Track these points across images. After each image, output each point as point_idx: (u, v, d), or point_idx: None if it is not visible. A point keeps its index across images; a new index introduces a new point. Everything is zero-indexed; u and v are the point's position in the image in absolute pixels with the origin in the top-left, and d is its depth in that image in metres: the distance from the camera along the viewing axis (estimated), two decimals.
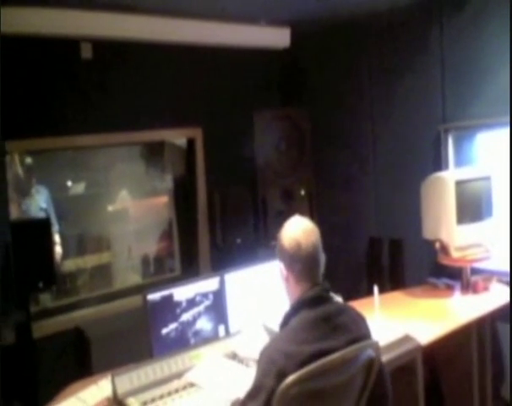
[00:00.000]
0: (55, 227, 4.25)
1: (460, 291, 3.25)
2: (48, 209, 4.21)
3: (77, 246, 4.48)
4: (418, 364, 2.60)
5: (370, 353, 1.83)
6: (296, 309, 1.82)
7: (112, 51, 3.75)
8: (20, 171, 4.13)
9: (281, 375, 1.63)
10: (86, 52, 3.67)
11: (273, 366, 1.66)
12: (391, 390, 1.98)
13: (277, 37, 4.44)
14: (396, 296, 3.33)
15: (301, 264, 1.82)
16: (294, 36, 4.41)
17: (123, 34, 3.65)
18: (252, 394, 1.70)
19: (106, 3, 3.33)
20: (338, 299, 2.72)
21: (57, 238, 4.15)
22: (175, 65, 4.10)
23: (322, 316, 1.77)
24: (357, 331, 1.84)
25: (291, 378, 1.61)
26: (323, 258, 1.87)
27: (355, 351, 1.77)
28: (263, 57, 4.52)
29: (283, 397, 1.62)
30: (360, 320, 1.90)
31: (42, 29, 3.30)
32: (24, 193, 4.14)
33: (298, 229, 1.86)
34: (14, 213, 3.95)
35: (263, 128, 4.26)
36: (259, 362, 1.73)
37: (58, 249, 4.13)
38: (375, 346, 1.85)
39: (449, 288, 3.29)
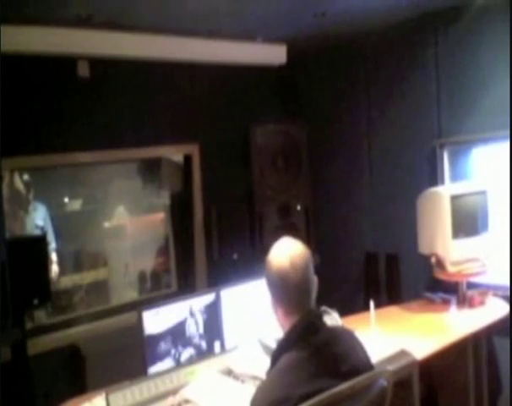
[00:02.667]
0: (52, 245, 4.25)
1: (456, 305, 3.24)
2: (46, 226, 4.21)
3: (73, 263, 4.47)
4: (414, 379, 2.59)
5: (382, 382, 1.72)
6: (284, 347, 1.69)
7: (109, 68, 3.78)
8: (18, 188, 4.14)
9: None
10: (83, 69, 3.69)
11: None
12: None
13: (274, 54, 4.47)
14: (392, 311, 3.33)
15: (289, 295, 1.70)
16: (291, 53, 4.45)
17: (120, 52, 3.68)
18: None
19: (103, 22, 3.36)
20: (334, 314, 2.73)
21: (54, 256, 4.16)
22: (172, 82, 4.13)
23: (312, 352, 1.64)
24: (356, 360, 1.71)
25: None
26: (314, 284, 1.74)
27: (368, 380, 1.67)
28: (260, 74, 4.55)
29: None
30: (357, 346, 1.78)
31: (39, 47, 3.33)
32: (22, 210, 4.14)
33: (286, 257, 1.70)
34: (11, 230, 3.96)
35: (259, 143, 4.28)
36: None
37: (55, 268, 4.13)
38: (388, 374, 1.74)
39: (446, 303, 3.29)
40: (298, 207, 4.32)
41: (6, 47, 3.06)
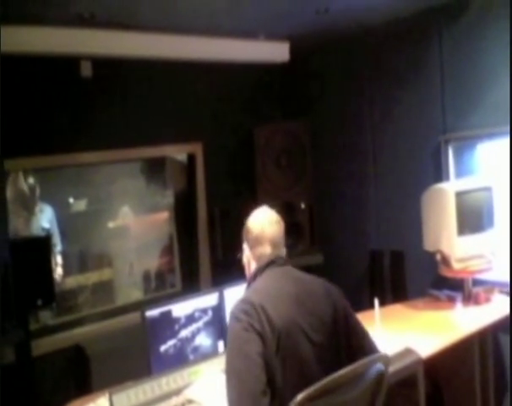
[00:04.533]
0: (58, 247, 4.26)
1: (462, 302, 3.22)
2: (52, 228, 4.21)
3: (78, 263, 4.48)
4: (420, 378, 2.58)
5: (380, 367, 1.80)
6: (254, 276, 1.98)
7: (112, 68, 3.78)
8: (23, 189, 4.14)
9: (254, 310, 1.74)
10: (86, 70, 3.70)
11: (244, 310, 1.76)
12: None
13: (276, 52, 4.45)
14: (397, 309, 3.32)
15: (261, 240, 2.01)
16: (293, 50, 4.43)
17: (123, 51, 3.67)
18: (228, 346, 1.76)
19: (105, 21, 3.36)
20: None
21: (59, 257, 4.16)
22: (175, 81, 4.13)
23: (279, 271, 1.95)
24: (314, 286, 1.95)
25: (300, 396, 1.56)
26: (281, 232, 2.06)
27: (364, 365, 1.75)
28: (262, 72, 4.55)
29: None
30: (323, 292, 1.95)
31: (42, 47, 3.33)
32: (28, 211, 4.15)
33: (265, 215, 2.07)
34: (17, 231, 3.96)
35: (263, 142, 4.28)
36: (230, 321, 1.81)
37: (61, 268, 4.14)
38: (385, 360, 1.83)
39: (451, 300, 3.27)
40: (302, 206, 4.31)
41: (9, 48, 3.07)
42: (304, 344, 1.77)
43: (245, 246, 2.08)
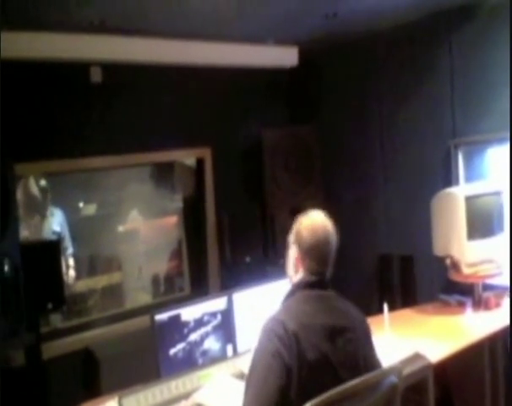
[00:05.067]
0: (69, 250, 4.28)
1: (472, 308, 3.20)
2: (63, 231, 4.24)
3: (88, 267, 4.50)
4: (429, 383, 2.56)
5: (393, 379, 1.78)
6: (293, 290, 1.91)
7: (122, 74, 3.80)
8: (34, 193, 4.18)
9: (287, 335, 1.68)
10: (96, 75, 3.73)
11: (274, 330, 1.71)
12: None
13: (285, 56, 4.47)
14: (407, 314, 3.30)
15: (312, 254, 1.91)
16: (302, 55, 4.44)
17: (132, 57, 3.71)
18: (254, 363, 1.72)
19: (115, 27, 3.39)
20: None
21: (71, 261, 4.18)
22: (184, 86, 4.15)
23: (316, 295, 1.86)
24: (349, 320, 1.88)
25: (310, 403, 1.55)
26: (333, 257, 1.97)
27: (377, 377, 1.74)
28: (271, 76, 4.55)
29: None
30: (353, 311, 1.94)
31: (52, 53, 3.37)
32: (39, 215, 4.18)
33: (319, 223, 1.97)
34: (28, 235, 3.99)
35: (271, 146, 4.28)
36: (261, 336, 1.77)
37: (72, 272, 4.16)
38: (398, 372, 1.81)
39: (461, 305, 3.25)
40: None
41: (19, 54, 3.11)
42: (330, 382, 1.69)
43: (293, 249, 1.98)
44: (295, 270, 1.96)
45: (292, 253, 1.98)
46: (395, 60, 4.06)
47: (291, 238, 2.00)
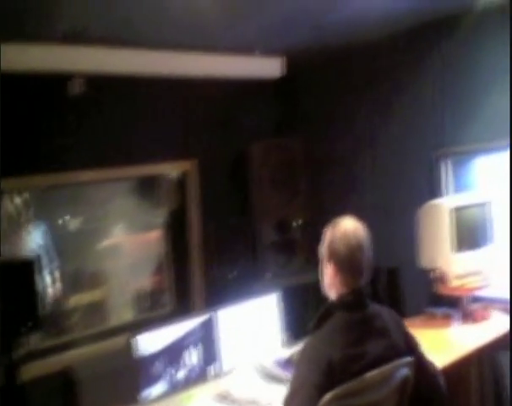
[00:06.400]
0: (50, 267, 4.19)
1: (459, 320, 3.17)
2: (45, 246, 4.15)
3: (69, 284, 4.40)
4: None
5: (406, 371, 1.82)
6: (331, 311, 1.83)
7: (105, 85, 3.74)
8: (15, 208, 4.09)
9: (330, 367, 1.65)
10: (77, 87, 3.67)
11: (318, 362, 1.67)
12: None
13: (272, 67, 4.44)
14: None
15: (346, 266, 1.85)
16: (288, 66, 4.42)
17: (114, 68, 3.66)
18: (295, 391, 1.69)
19: (96, 38, 3.34)
20: None
21: (56, 274, 4.09)
22: (168, 98, 4.10)
23: (358, 320, 1.80)
24: (390, 338, 1.85)
25: (328, 395, 1.61)
26: (369, 266, 1.91)
27: (391, 369, 1.77)
28: (258, 88, 4.52)
29: None
30: (395, 326, 1.91)
31: (33, 65, 3.31)
32: (20, 230, 4.09)
33: (357, 236, 1.91)
34: (8, 251, 3.89)
35: (257, 158, 4.25)
36: (298, 364, 1.75)
37: (53, 289, 4.07)
38: (411, 364, 1.85)
39: (448, 318, 3.21)
40: (297, 223, 4.27)
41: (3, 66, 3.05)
42: None
43: (325, 263, 1.91)
44: (330, 286, 1.90)
45: (325, 268, 1.91)
46: (382, 70, 4.04)
47: (323, 250, 1.93)
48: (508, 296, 3.16)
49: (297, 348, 2.35)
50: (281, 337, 2.75)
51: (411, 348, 1.95)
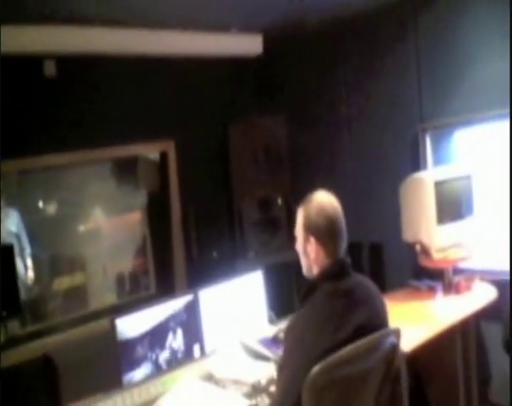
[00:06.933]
0: (27, 251, 4.12)
1: (443, 292, 3.17)
2: (19, 233, 4.07)
3: (49, 269, 4.34)
4: (402, 372, 2.52)
5: (393, 340, 1.83)
6: (316, 284, 1.83)
7: (77, 66, 3.65)
8: None
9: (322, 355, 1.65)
10: (50, 68, 3.57)
11: (305, 343, 1.68)
12: None
13: (249, 44, 4.37)
14: None
15: (331, 239, 1.84)
16: (267, 43, 4.35)
17: (88, 48, 3.56)
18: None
19: (68, 17, 3.23)
20: None
21: (29, 262, 4.02)
22: (145, 77, 4.01)
23: (343, 289, 1.80)
24: (373, 306, 1.87)
25: (318, 367, 1.61)
26: (346, 235, 1.89)
27: (378, 338, 1.78)
28: (236, 66, 4.45)
29: (312, 386, 1.61)
30: (376, 295, 1.94)
31: (5, 46, 3.19)
32: None
33: (333, 207, 1.89)
34: None
35: (238, 137, 4.20)
36: (286, 340, 1.76)
37: (30, 274, 4.00)
38: (397, 333, 1.86)
39: (431, 290, 3.22)
40: (279, 201, 4.23)
41: None
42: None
43: (305, 239, 1.88)
44: (314, 262, 1.88)
45: (306, 245, 1.87)
46: (361, 45, 4.01)
47: (300, 228, 1.90)
48: (491, 267, 3.19)
49: (282, 325, 2.34)
50: (266, 315, 2.73)
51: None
